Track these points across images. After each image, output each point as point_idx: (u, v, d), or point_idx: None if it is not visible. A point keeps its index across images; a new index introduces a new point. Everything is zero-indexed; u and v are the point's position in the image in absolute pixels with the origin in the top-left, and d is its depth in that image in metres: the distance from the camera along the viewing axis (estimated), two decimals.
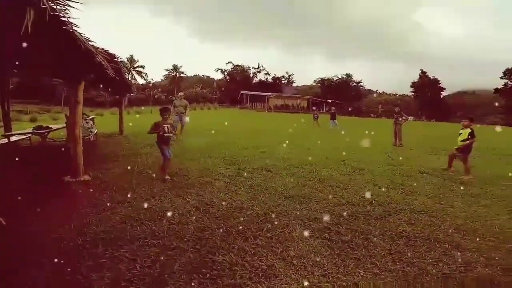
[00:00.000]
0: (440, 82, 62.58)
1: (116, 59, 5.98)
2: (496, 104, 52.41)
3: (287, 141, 9.45)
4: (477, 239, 2.80)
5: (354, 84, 67.82)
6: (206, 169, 5.45)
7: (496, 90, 57.64)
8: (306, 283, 2.02)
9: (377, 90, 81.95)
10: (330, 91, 62.32)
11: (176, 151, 6.44)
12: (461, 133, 5.84)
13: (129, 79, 58.66)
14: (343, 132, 13.04)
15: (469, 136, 5.70)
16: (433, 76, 63.24)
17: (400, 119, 10.30)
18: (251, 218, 3.20)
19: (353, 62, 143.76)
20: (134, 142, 8.79)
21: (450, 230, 3.03)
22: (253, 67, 71.00)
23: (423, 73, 64.56)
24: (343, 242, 2.71)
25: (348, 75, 68.02)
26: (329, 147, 8.98)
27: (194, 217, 3.16)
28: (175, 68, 67.65)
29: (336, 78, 68.41)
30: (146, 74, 60.62)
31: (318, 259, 2.39)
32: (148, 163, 5.87)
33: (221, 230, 2.87)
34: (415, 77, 66.19)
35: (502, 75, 56.91)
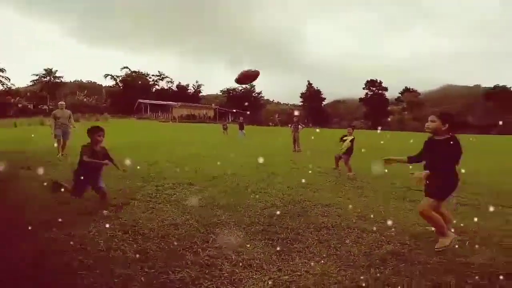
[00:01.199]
0: (321, 93, 74.71)
1: None
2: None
3: (200, 153, 9.51)
4: (374, 222, 3.60)
5: (256, 94, 72.89)
6: (116, 190, 4.79)
7: (361, 99, 73.22)
8: (270, 282, 2.23)
9: (273, 100, 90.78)
10: (235, 101, 64.89)
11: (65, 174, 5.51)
12: (346, 139, 7.29)
13: None
14: (250, 141, 14.00)
15: (351, 142, 7.17)
16: (317, 87, 75.05)
17: (300, 127, 11.91)
18: (190, 232, 3.19)
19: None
20: None
21: (355, 218, 3.78)
22: (153, 74, 66.83)
23: (309, 84, 75.62)
24: (282, 239, 3.05)
25: (252, 86, 72.69)
26: (242, 155, 9.51)
27: (125, 242, 2.90)
28: (49, 72, 56.63)
29: (241, 88, 72.02)
30: (7, 78, 48.44)
31: (269, 258, 2.64)
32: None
33: (163, 249, 2.78)
34: (304, 87, 76.34)
35: (364, 86, 72.91)
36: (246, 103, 60.45)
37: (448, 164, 2.87)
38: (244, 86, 71.20)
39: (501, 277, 2.31)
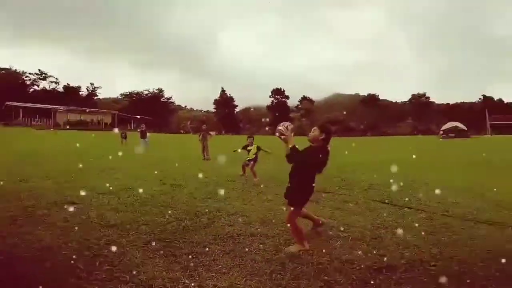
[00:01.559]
0: (234, 100, 76.39)
1: None
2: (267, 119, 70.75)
3: (90, 165, 8.25)
4: (275, 227, 3.73)
5: (165, 99, 68.44)
6: None
7: (268, 106, 78.31)
8: None
9: (186, 106, 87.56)
10: (140, 106, 59.27)
11: None
12: (251, 149, 7.56)
13: None
14: (155, 151, 13.02)
15: (258, 150, 7.48)
16: (230, 94, 76.28)
17: (208, 135, 11.77)
18: (70, 257, 2.68)
19: (160, 76, 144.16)
20: None
21: (257, 224, 3.86)
22: (30, 73, 54.72)
23: (223, 91, 76.29)
24: (187, 255, 2.85)
25: (160, 90, 67.74)
26: (143, 167, 8.70)
27: None
28: None
29: (147, 92, 66.20)
30: None
31: (173, 275, 2.43)
32: None
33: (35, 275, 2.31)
34: (214, 94, 76.22)
35: (270, 94, 78.30)
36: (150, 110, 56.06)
37: (309, 171, 3.04)
38: (151, 90, 65.99)
39: (380, 270, 2.58)
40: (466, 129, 39.44)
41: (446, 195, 5.43)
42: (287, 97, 78.02)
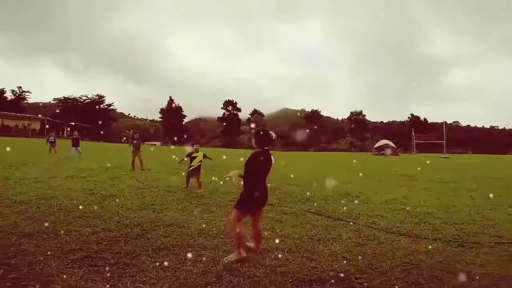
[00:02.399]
0: (182, 110, 73.54)
1: None
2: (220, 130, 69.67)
3: (5, 174, 7.20)
4: (214, 239, 3.65)
5: (105, 106, 62.94)
6: None
7: (219, 118, 77.17)
8: None
9: (129, 114, 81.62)
10: (76, 112, 53.40)
11: None
12: (196, 156, 7.39)
13: None
14: (88, 159, 11.84)
15: (204, 158, 7.31)
16: (178, 104, 73.25)
17: (139, 146, 11.06)
18: None
19: (99, 82, 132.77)
20: None
21: (196, 235, 3.73)
22: None
23: (171, 100, 72.79)
24: (112, 265, 2.64)
25: (100, 96, 62.04)
26: (74, 177, 7.86)
27: None
28: None
29: (85, 98, 60.10)
30: None
31: (90, 285, 2.25)
32: None
33: None
34: (162, 103, 72.30)
35: (222, 106, 77.32)
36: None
37: (253, 175, 3.11)
38: (90, 95, 60.43)
39: (311, 283, 2.62)
40: (395, 147, 44.23)
41: (373, 208, 5.92)
42: (239, 110, 78.35)
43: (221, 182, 7.07)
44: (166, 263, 2.79)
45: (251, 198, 3.07)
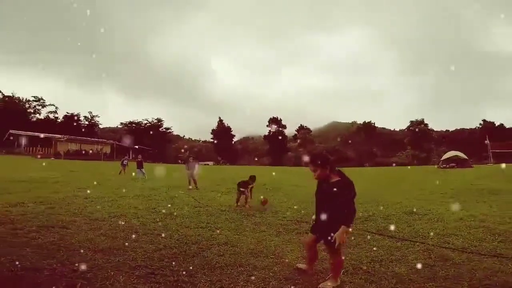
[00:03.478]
0: (231, 130, 76.38)
1: None
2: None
3: (84, 193, 8.19)
4: (265, 259, 3.64)
5: (164, 129, 68.61)
6: None
7: (265, 136, 78.00)
8: None
9: (184, 136, 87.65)
10: (138, 136, 58.76)
11: None
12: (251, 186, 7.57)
13: None
14: (149, 181, 12.91)
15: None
16: (227, 124, 76.36)
17: (196, 165, 11.73)
18: (53, 278, 2.70)
19: (155, 107, 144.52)
20: None
21: (248, 255, 3.77)
22: (31, 100, 55.38)
23: (220, 120, 76.43)
24: (171, 282, 2.79)
25: (159, 120, 67.92)
26: (138, 196, 8.62)
27: None
28: None
29: (146, 122, 66.51)
30: None
31: None
32: None
33: None
34: (211, 123, 76.05)
35: (268, 124, 78.12)
36: (151, 139, 56.04)
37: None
38: (150, 119, 66.15)
39: None
40: (467, 158, 38.90)
41: (445, 226, 5.31)
42: (284, 127, 78.12)
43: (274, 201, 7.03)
44: (219, 283, 2.86)
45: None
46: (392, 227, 5.34)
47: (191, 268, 3.20)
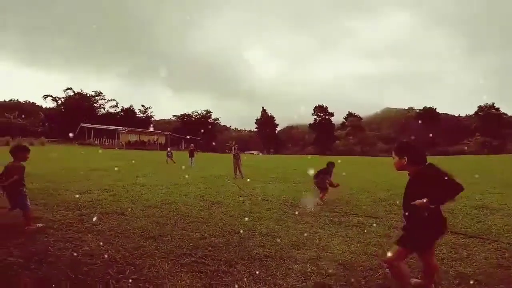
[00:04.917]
0: (275, 119, 76.10)
1: None
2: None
3: (142, 181, 8.88)
4: (307, 252, 3.54)
5: (212, 120, 71.49)
6: (37, 218, 4.41)
7: (310, 124, 76.17)
8: None
9: (230, 126, 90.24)
10: (190, 127, 62.33)
11: None
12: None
13: None
14: (199, 169, 13.54)
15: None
16: (270, 113, 76.22)
17: (237, 156, 11.98)
18: (107, 263, 2.92)
19: (199, 100, 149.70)
20: None
21: (289, 246, 3.71)
22: (94, 95, 61.63)
23: (263, 110, 76.68)
24: (212, 272, 2.86)
25: (208, 112, 71.05)
26: (188, 184, 9.09)
27: (28, 269, 2.71)
28: None
29: (196, 114, 70.13)
30: None
31: None
32: None
33: (70, 278, 2.58)
34: (254, 113, 76.65)
35: (313, 112, 75.99)
36: (202, 130, 58.98)
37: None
38: (199, 111, 69.28)
39: None
40: None
41: None
42: (331, 114, 75.11)
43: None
44: (258, 274, 2.86)
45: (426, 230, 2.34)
46: (456, 223, 4.86)
47: (231, 258, 3.25)
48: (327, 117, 74.54)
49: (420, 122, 67.71)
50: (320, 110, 74.88)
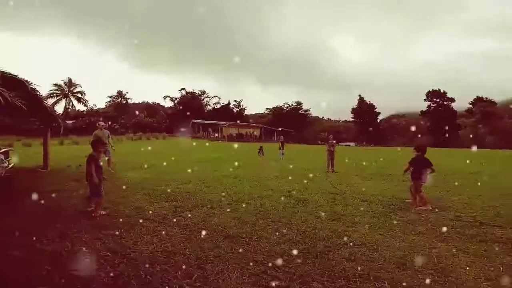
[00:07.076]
0: (375, 107, 68.45)
1: (28, 85, 5.28)
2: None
3: (237, 173, 9.16)
4: (418, 274, 2.71)
5: (303, 112, 70.77)
6: (136, 208, 4.90)
7: (422, 112, 65.30)
8: None
9: (323, 117, 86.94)
10: (282, 119, 63.40)
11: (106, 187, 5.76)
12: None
13: (66, 105, 53.53)
14: (288, 161, 13.25)
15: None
16: (370, 101, 68.93)
17: (332, 148, 10.89)
18: (179, 264, 2.84)
19: (287, 93, 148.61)
20: (58, 177, 7.74)
21: (391, 264, 2.93)
22: (204, 94, 69.48)
23: (361, 98, 69.79)
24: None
25: (299, 103, 70.71)
26: (276, 177, 8.89)
27: (109, 263, 2.83)
28: (120, 94, 64.09)
29: (287, 106, 70.85)
30: (86, 100, 56.01)
31: None
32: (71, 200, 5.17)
33: (139, 277, 2.60)
34: (343, 102, 70.68)
35: (425, 98, 64.74)
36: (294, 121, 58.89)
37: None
38: (290, 103, 69.30)
39: None
40: None
41: None
42: (452, 100, 62.12)
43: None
44: None
45: None
46: None
47: (309, 272, 2.75)
48: (445, 102, 62.14)
49: None
50: (436, 95, 62.95)
